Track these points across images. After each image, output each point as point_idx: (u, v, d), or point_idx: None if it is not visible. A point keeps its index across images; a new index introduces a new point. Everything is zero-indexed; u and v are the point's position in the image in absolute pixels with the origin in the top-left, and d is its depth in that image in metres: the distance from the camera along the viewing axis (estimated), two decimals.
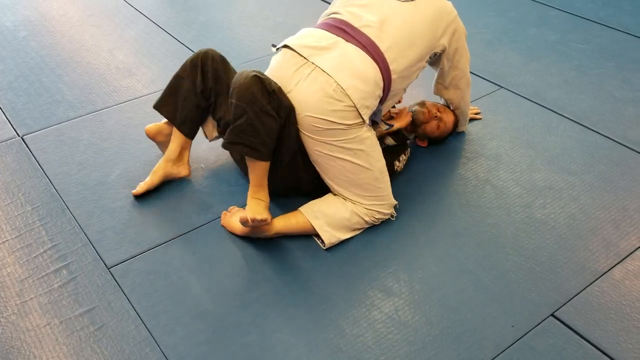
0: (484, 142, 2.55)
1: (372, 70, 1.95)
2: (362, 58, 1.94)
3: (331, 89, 1.90)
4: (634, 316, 1.83)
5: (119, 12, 3.66)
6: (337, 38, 1.98)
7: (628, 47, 3.22)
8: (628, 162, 2.42)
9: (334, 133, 1.95)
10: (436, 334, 1.79)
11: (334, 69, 1.91)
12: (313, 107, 1.92)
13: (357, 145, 1.98)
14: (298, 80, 1.95)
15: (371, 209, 2.05)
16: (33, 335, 1.79)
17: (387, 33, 2.00)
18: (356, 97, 1.91)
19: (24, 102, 2.83)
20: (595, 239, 2.09)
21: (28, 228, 2.15)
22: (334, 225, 2.03)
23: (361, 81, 1.92)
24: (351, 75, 1.91)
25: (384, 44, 1.98)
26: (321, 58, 1.94)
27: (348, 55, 1.94)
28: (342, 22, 2.03)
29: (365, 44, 1.96)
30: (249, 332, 1.80)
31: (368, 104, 1.95)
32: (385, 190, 2.08)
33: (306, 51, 1.96)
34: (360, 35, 1.97)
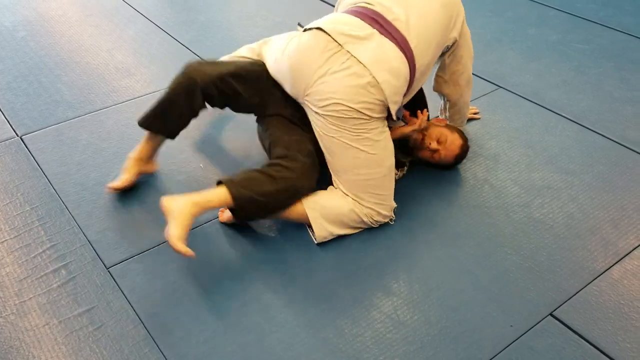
0: (483, 142, 2.55)
1: (404, 66, 1.94)
2: (396, 54, 1.93)
3: (365, 81, 1.89)
4: (633, 315, 1.83)
5: (118, 12, 3.66)
6: (372, 29, 1.94)
7: (627, 48, 3.22)
8: (627, 162, 2.43)
9: (358, 122, 1.94)
10: (435, 333, 1.79)
11: (371, 61, 1.89)
12: (343, 95, 1.90)
13: (376, 136, 1.98)
14: (331, 66, 1.92)
15: (371, 208, 2.05)
16: (32, 335, 1.79)
17: (413, 28, 1.97)
18: (389, 92, 1.91)
19: (23, 102, 2.83)
20: (593, 238, 2.09)
21: (27, 228, 2.15)
22: (329, 219, 2.03)
23: (394, 77, 1.92)
24: (386, 70, 1.90)
25: (413, 41, 1.96)
26: (358, 47, 1.91)
27: (384, 49, 1.92)
28: (374, 13, 1.98)
29: (398, 40, 1.94)
30: (247, 331, 1.80)
31: (397, 99, 1.97)
32: (388, 190, 2.07)
33: (342, 38, 1.92)
34: (393, 30, 1.95)
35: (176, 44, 3.30)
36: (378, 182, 2.03)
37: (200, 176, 2.35)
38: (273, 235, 2.11)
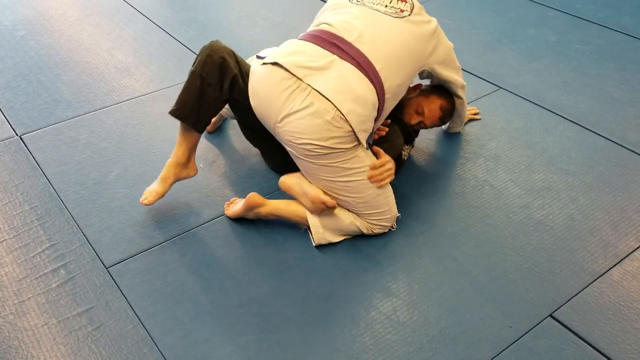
0: (483, 142, 2.55)
1: (370, 92, 1.87)
2: (360, 79, 1.85)
3: (330, 116, 1.81)
4: (632, 317, 1.83)
5: (118, 12, 3.66)
6: (332, 56, 1.87)
7: (627, 48, 3.22)
8: (627, 163, 2.42)
9: (332, 156, 1.89)
10: (434, 334, 1.79)
11: (333, 93, 1.81)
12: (311, 134, 1.84)
13: (356, 164, 1.93)
14: (293, 105, 1.83)
15: (372, 223, 2.04)
16: (31, 334, 1.79)
17: (380, 50, 1.91)
18: (355, 122, 1.83)
19: (23, 102, 2.83)
20: (593, 239, 2.09)
21: (26, 227, 2.14)
22: (329, 227, 2.03)
23: (360, 105, 1.84)
24: (351, 99, 1.83)
25: (379, 63, 1.89)
26: (318, 79, 1.82)
27: (346, 77, 1.84)
28: (334, 37, 1.91)
29: (361, 62, 1.86)
30: (246, 332, 1.79)
31: (365, 128, 1.89)
32: (386, 206, 2.03)
33: (301, 71, 1.83)
34: (354, 52, 1.87)
35: (176, 43, 3.30)
36: (373, 202, 2.00)
37: (200, 176, 2.34)
38: (272, 236, 2.11)
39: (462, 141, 2.54)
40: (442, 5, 3.61)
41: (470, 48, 3.22)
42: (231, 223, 2.16)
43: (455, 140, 2.56)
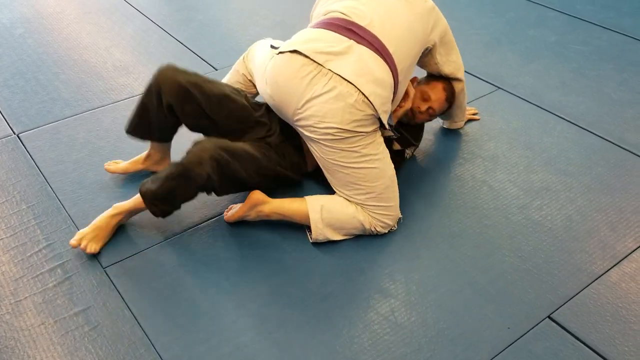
0: (481, 143, 2.55)
1: (388, 74, 1.91)
2: (377, 62, 1.88)
3: (353, 99, 1.84)
4: (631, 318, 1.83)
5: (116, 10, 3.65)
6: (349, 41, 1.89)
7: (627, 49, 3.22)
8: (625, 164, 2.42)
9: (353, 140, 1.91)
10: (432, 335, 1.78)
11: (355, 76, 1.84)
12: (333, 117, 1.86)
13: (373, 150, 1.96)
14: (315, 90, 1.86)
15: (376, 217, 2.03)
16: (27, 334, 1.79)
17: (390, 33, 1.94)
18: (378, 104, 1.87)
19: (20, 100, 2.82)
20: (591, 240, 2.09)
21: (23, 227, 2.14)
22: (330, 224, 2.02)
23: (380, 87, 1.88)
24: (371, 81, 1.85)
25: (391, 46, 1.92)
26: (338, 64, 1.85)
27: (365, 60, 1.87)
28: (348, 22, 1.92)
29: (376, 46, 1.89)
30: (244, 332, 1.79)
31: (387, 109, 1.94)
32: (393, 201, 2.04)
33: (321, 57, 1.85)
34: (369, 36, 1.90)
35: (174, 42, 3.29)
36: (382, 194, 2.01)
37: None
38: (270, 236, 2.10)
39: (461, 141, 2.54)
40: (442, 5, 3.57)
41: (470, 48, 3.21)
42: (227, 223, 2.15)
43: (453, 140, 2.56)
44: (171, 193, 1.94)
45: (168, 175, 1.91)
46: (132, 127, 2.19)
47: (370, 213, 2.03)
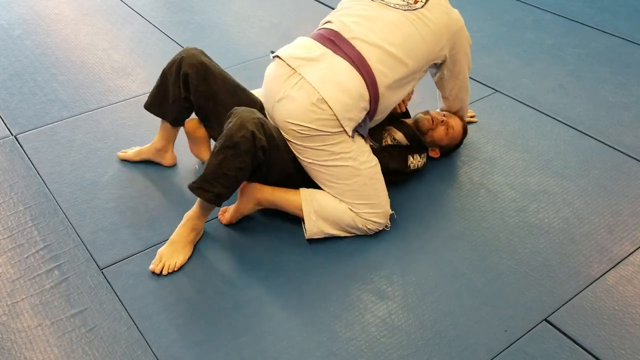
0: (479, 145, 2.55)
1: (357, 83, 1.95)
2: (348, 72, 1.95)
3: (315, 99, 1.92)
4: (627, 321, 1.83)
5: (115, 12, 3.65)
6: (325, 49, 1.99)
7: (623, 52, 3.23)
8: (622, 167, 2.43)
9: (319, 139, 1.96)
10: (429, 337, 1.78)
11: (319, 81, 1.93)
12: (298, 115, 1.95)
13: (345, 148, 1.99)
14: (286, 90, 1.97)
15: (364, 217, 2.04)
16: (24, 336, 1.78)
17: (379, 46, 1.98)
18: (338, 109, 1.92)
19: (18, 101, 2.82)
20: (589, 243, 2.09)
21: (20, 228, 2.13)
22: (323, 216, 2.04)
23: (344, 94, 1.93)
24: (335, 87, 1.93)
25: (373, 58, 1.97)
26: (308, 69, 1.96)
27: (334, 68, 1.96)
28: (332, 33, 2.03)
29: (352, 57, 1.96)
30: (241, 334, 1.79)
31: (351, 116, 1.96)
32: (376, 198, 2.05)
33: (295, 62, 1.98)
34: (348, 48, 1.98)
35: (173, 44, 3.29)
36: (361, 192, 2.03)
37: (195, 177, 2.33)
38: (268, 238, 2.10)
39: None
40: None
41: None
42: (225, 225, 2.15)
43: None
44: (220, 169, 1.89)
45: (213, 153, 1.91)
46: (150, 99, 2.30)
47: (357, 212, 2.04)
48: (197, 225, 2.04)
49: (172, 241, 2.00)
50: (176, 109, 2.23)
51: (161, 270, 1.96)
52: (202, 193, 1.94)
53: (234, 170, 1.90)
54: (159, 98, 2.26)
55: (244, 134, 1.86)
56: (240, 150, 1.87)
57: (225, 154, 1.88)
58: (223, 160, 1.88)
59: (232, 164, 1.89)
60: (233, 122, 1.89)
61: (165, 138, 2.34)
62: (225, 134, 1.89)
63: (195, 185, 1.95)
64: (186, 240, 2.02)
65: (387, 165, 2.18)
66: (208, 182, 1.92)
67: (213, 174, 1.91)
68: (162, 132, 2.33)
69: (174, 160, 2.40)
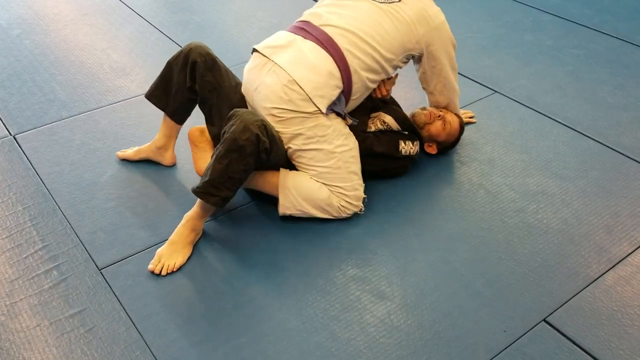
0: (478, 146, 2.55)
1: (326, 61, 2.04)
2: (316, 52, 2.05)
3: (285, 80, 2.01)
4: (626, 322, 1.83)
5: (114, 12, 3.65)
6: (295, 36, 2.11)
7: (622, 53, 3.23)
8: (621, 168, 2.43)
9: (296, 121, 2.03)
10: (428, 338, 1.79)
11: (288, 63, 2.03)
12: (272, 99, 2.03)
13: (319, 131, 2.05)
14: (261, 77, 2.07)
15: (338, 197, 2.11)
16: (22, 336, 1.78)
17: (348, 30, 2.07)
18: (308, 88, 2.01)
19: (17, 101, 2.81)
20: (587, 244, 2.09)
21: (19, 228, 2.13)
22: (299, 191, 2.09)
23: (313, 73, 2.02)
24: (304, 67, 2.03)
25: (342, 39, 2.06)
26: (279, 56, 2.07)
27: (302, 51, 2.06)
28: (303, 23, 2.16)
29: (321, 40, 2.07)
30: (240, 334, 1.79)
31: (322, 94, 2.03)
32: (349, 181, 2.11)
33: (268, 51, 2.10)
34: (318, 32, 2.09)
35: (172, 44, 3.29)
36: (335, 174, 2.09)
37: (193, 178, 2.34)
38: (266, 239, 2.10)
39: (457, 145, 2.54)
40: None
41: (466, 52, 3.22)
42: (224, 226, 2.15)
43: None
44: (226, 173, 1.92)
45: (217, 157, 1.92)
46: (151, 89, 2.31)
47: (333, 191, 2.10)
48: (197, 226, 2.05)
49: (172, 242, 2.01)
50: (178, 100, 2.26)
51: (160, 271, 1.96)
52: (209, 197, 1.96)
53: (239, 173, 1.93)
54: (161, 88, 2.29)
55: (248, 136, 1.88)
56: (245, 153, 1.89)
57: (230, 158, 1.90)
58: (229, 164, 1.90)
59: (238, 167, 1.91)
60: (236, 125, 1.90)
61: (166, 135, 2.35)
62: (228, 138, 1.90)
63: (201, 190, 1.96)
64: (186, 241, 2.02)
65: (372, 149, 2.23)
66: (214, 186, 1.94)
67: (219, 178, 1.93)
68: (164, 129, 2.34)
69: (174, 160, 2.40)
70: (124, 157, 2.43)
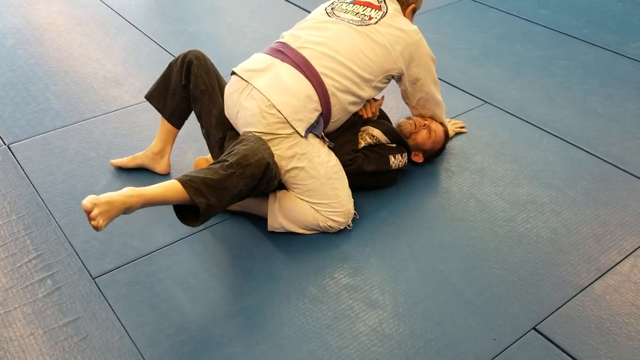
0: (469, 156, 2.58)
1: (303, 85, 2.07)
2: (293, 76, 2.08)
3: (264, 105, 2.03)
4: (614, 330, 1.86)
5: (108, 22, 3.67)
6: (273, 60, 2.14)
7: (611, 64, 3.27)
8: (610, 178, 2.46)
9: (275, 142, 2.04)
10: (419, 346, 1.80)
11: (267, 88, 2.06)
12: (252, 122, 2.05)
13: (299, 150, 2.07)
14: (240, 101, 2.10)
15: (324, 215, 2.11)
16: (16, 345, 1.79)
17: (325, 53, 2.12)
18: (287, 112, 2.03)
19: (11, 111, 2.82)
20: (576, 253, 2.12)
21: (13, 237, 2.14)
22: (286, 214, 2.11)
23: (291, 96, 2.05)
24: (282, 92, 2.05)
25: (319, 62, 2.10)
26: (257, 80, 2.09)
27: (280, 75, 2.09)
28: (281, 45, 2.19)
29: (299, 63, 2.10)
30: (233, 343, 1.80)
31: (301, 117, 2.06)
32: (335, 198, 2.11)
33: (246, 74, 2.12)
34: (295, 55, 2.12)
35: (165, 54, 3.31)
36: (319, 191, 2.10)
37: None
38: (259, 248, 2.12)
39: (448, 154, 2.57)
40: (428, 20, 3.65)
41: (456, 63, 3.26)
42: (218, 234, 2.17)
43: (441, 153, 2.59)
44: (225, 182, 1.85)
45: (222, 165, 1.88)
46: (152, 90, 2.37)
47: (318, 210, 2.11)
48: (136, 207, 1.80)
49: (110, 202, 1.72)
50: (175, 100, 2.31)
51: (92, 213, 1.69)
52: (197, 195, 1.81)
53: (237, 189, 1.88)
54: (161, 89, 2.34)
55: (259, 159, 1.91)
56: (249, 172, 1.89)
57: (235, 170, 1.88)
58: (231, 175, 1.87)
59: (237, 183, 1.88)
60: (251, 145, 1.94)
61: (163, 140, 2.38)
62: (241, 151, 1.91)
63: (192, 184, 1.81)
64: (118, 212, 1.75)
65: (362, 168, 2.25)
66: (207, 187, 1.83)
67: (217, 183, 1.84)
68: (161, 134, 2.38)
69: (168, 169, 2.42)
70: (118, 165, 2.44)
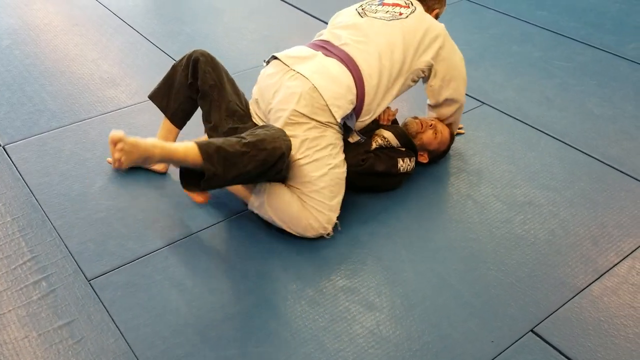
0: (466, 157, 2.57)
1: (346, 76, 2.14)
2: (338, 67, 2.15)
3: (307, 87, 2.09)
4: (612, 332, 1.85)
5: (104, 22, 3.65)
6: (317, 52, 2.22)
7: (609, 65, 3.27)
8: (607, 179, 2.46)
9: (305, 127, 2.08)
10: (417, 349, 1.79)
11: (311, 72, 2.13)
12: (292, 101, 2.09)
13: (323, 142, 2.10)
14: (282, 81, 2.15)
15: (310, 211, 2.08)
16: (11, 348, 1.77)
17: (365, 50, 2.19)
18: (327, 95, 2.09)
19: (6, 112, 2.81)
20: (574, 255, 2.11)
21: (8, 239, 2.13)
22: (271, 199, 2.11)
23: (334, 83, 2.12)
24: (325, 77, 2.12)
25: (361, 58, 2.18)
26: (301, 65, 2.17)
27: (324, 65, 2.17)
28: (324, 42, 2.27)
29: (342, 57, 2.18)
30: (229, 346, 1.79)
31: (340, 104, 2.11)
32: (328, 200, 2.09)
33: (290, 60, 2.19)
34: (338, 51, 2.20)
35: (162, 55, 3.30)
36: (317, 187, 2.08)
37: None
38: (256, 249, 2.11)
39: (446, 156, 2.57)
40: None
41: None
42: (214, 236, 2.16)
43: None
44: (238, 158, 1.89)
45: (239, 142, 1.91)
46: (155, 90, 2.37)
47: (306, 201, 2.08)
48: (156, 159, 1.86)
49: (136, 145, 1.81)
50: (179, 99, 2.30)
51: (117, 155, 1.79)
52: (207, 159, 1.84)
53: (245, 169, 1.91)
54: (164, 89, 2.34)
55: (275, 146, 1.93)
56: (262, 157, 1.92)
57: (249, 150, 1.90)
58: (244, 154, 1.90)
59: (248, 163, 1.91)
60: (272, 132, 1.97)
61: (164, 138, 2.31)
62: (261, 136, 1.94)
63: (207, 150, 1.84)
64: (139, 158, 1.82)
65: (373, 167, 2.26)
66: (219, 156, 1.85)
67: (229, 156, 1.87)
68: (162, 133, 2.36)
69: (166, 167, 2.41)
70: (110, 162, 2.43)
